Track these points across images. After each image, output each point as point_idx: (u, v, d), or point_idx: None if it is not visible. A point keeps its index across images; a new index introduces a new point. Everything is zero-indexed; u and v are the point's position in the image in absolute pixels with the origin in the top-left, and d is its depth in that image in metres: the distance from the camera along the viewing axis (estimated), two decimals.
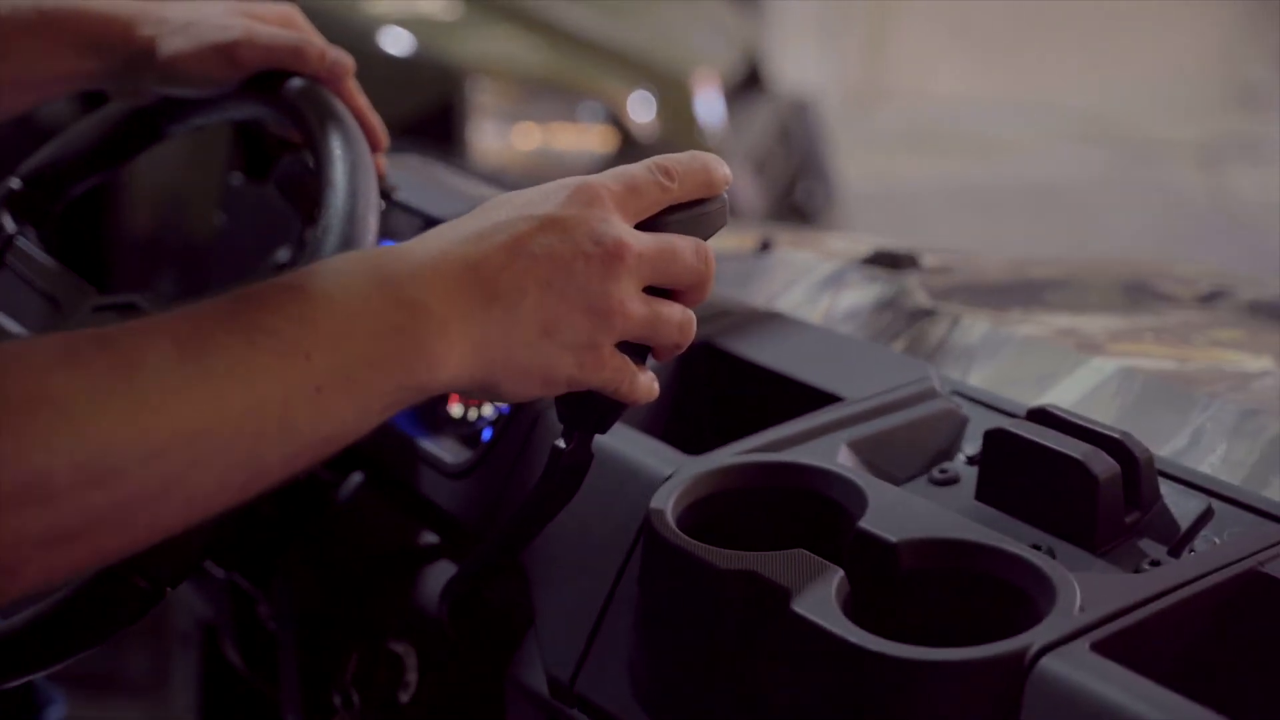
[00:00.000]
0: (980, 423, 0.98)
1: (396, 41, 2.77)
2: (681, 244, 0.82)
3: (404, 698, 1.04)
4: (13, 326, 1.05)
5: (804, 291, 1.27)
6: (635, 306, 0.80)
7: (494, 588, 0.99)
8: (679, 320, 0.82)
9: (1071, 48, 6.85)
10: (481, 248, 0.77)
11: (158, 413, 0.68)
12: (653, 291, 0.81)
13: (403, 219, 1.17)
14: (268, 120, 1.13)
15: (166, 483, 0.69)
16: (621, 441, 1.00)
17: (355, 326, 0.73)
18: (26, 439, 0.65)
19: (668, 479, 0.93)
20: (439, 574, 1.06)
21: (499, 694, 1.00)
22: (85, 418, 0.66)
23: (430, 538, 1.08)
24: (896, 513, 0.86)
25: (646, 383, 0.83)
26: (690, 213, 0.83)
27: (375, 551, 1.08)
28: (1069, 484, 0.88)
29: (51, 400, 0.66)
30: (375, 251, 0.79)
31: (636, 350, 0.82)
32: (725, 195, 0.86)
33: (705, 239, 0.84)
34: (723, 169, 0.85)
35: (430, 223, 1.15)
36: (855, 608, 0.81)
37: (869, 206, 4.58)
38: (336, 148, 0.98)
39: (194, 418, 0.69)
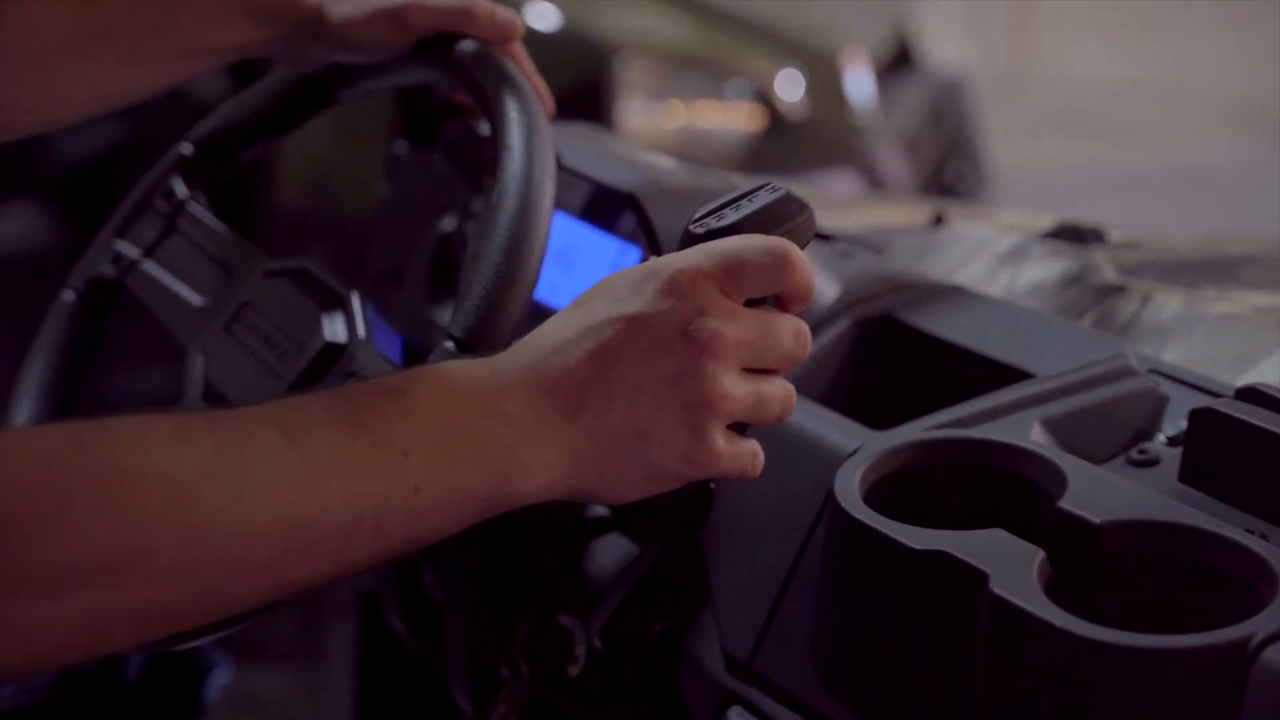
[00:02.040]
0: (1181, 402, 0.93)
1: (543, 17, 2.76)
2: (781, 327, 0.79)
3: (573, 671, 1.02)
4: (184, 291, 1.05)
5: (983, 266, 1.22)
6: (736, 390, 0.78)
7: (670, 564, 0.97)
8: (781, 397, 0.80)
9: (1223, 30, 6.67)
10: (567, 359, 0.76)
11: (261, 498, 0.69)
12: None
13: (572, 185, 1.15)
14: (438, 84, 1.12)
15: (260, 568, 0.70)
16: (802, 414, 0.97)
17: (452, 432, 0.74)
18: (135, 512, 0.66)
19: (852, 454, 0.90)
20: (609, 547, 1.04)
21: (673, 671, 0.98)
22: (191, 496, 0.68)
23: (601, 509, 1.05)
24: (1099, 493, 0.82)
25: (762, 458, 0.82)
26: (777, 232, 0.80)
27: (544, 522, 1.06)
28: None
29: (162, 477, 0.67)
30: (472, 362, 0.79)
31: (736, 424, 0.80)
32: (811, 207, 0.82)
33: None
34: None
35: (601, 191, 1.13)
36: (1055, 591, 0.77)
37: (1015, 189, 4.50)
38: (512, 111, 0.96)
39: (295, 505, 0.70)
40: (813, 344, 1.03)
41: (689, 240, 0.81)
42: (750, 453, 0.80)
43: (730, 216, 0.81)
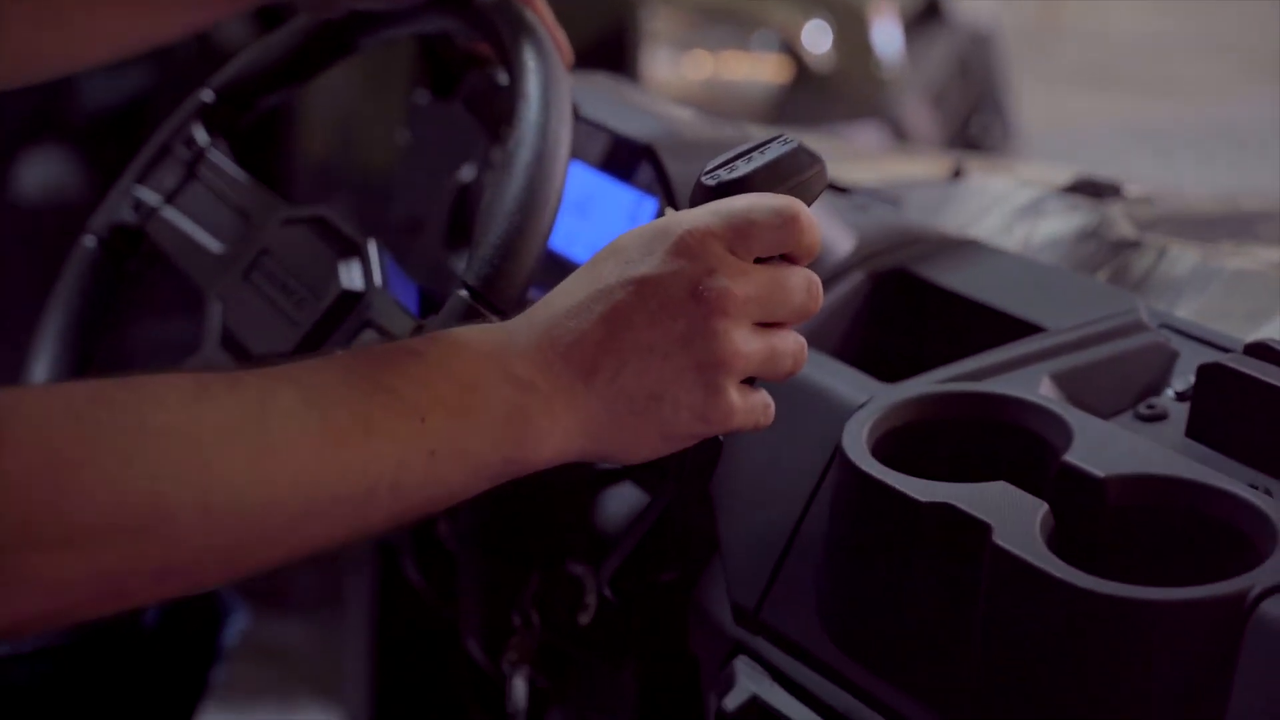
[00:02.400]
0: (1191, 357, 0.93)
1: None
2: (792, 280, 0.79)
3: (584, 619, 1.03)
4: (204, 238, 1.06)
5: (1000, 219, 1.22)
6: (748, 347, 0.78)
7: (680, 515, 0.98)
8: (793, 350, 0.80)
9: None
10: (580, 322, 0.77)
11: (280, 458, 0.70)
12: None
13: (589, 136, 1.15)
14: (457, 33, 1.12)
15: (278, 529, 0.71)
16: (813, 367, 0.97)
17: (469, 397, 0.75)
18: (157, 471, 0.67)
19: (861, 406, 0.90)
20: (620, 497, 1.04)
21: (682, 620, 0.99)
22: (212, 455, 0.68)
23: None
24: (1104, 447, 0.83)
25: (773, 408, 0.82)
26: (788, 185, 0.80)
27: (556, 472, 1.07)
28: None
29: (182, 434, 0.68)
30: (489, 326, 0.79)
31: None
32: (823, 160, 0.82)
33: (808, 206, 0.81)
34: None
35: (619, 141, 1.13)
36: (1058, 544, 0.78)
37: (1043, 144, 4.47)
38: (530, 60, 0.96)
39: (313, 468, 0.71)
40: (826, 297, 1.05)
41: (700, 192, 0.81)
42: (762, 405, 0.81)
43: (742, 168, 0.81)
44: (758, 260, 0.79)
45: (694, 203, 0.82)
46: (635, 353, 0.76)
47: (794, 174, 0.81)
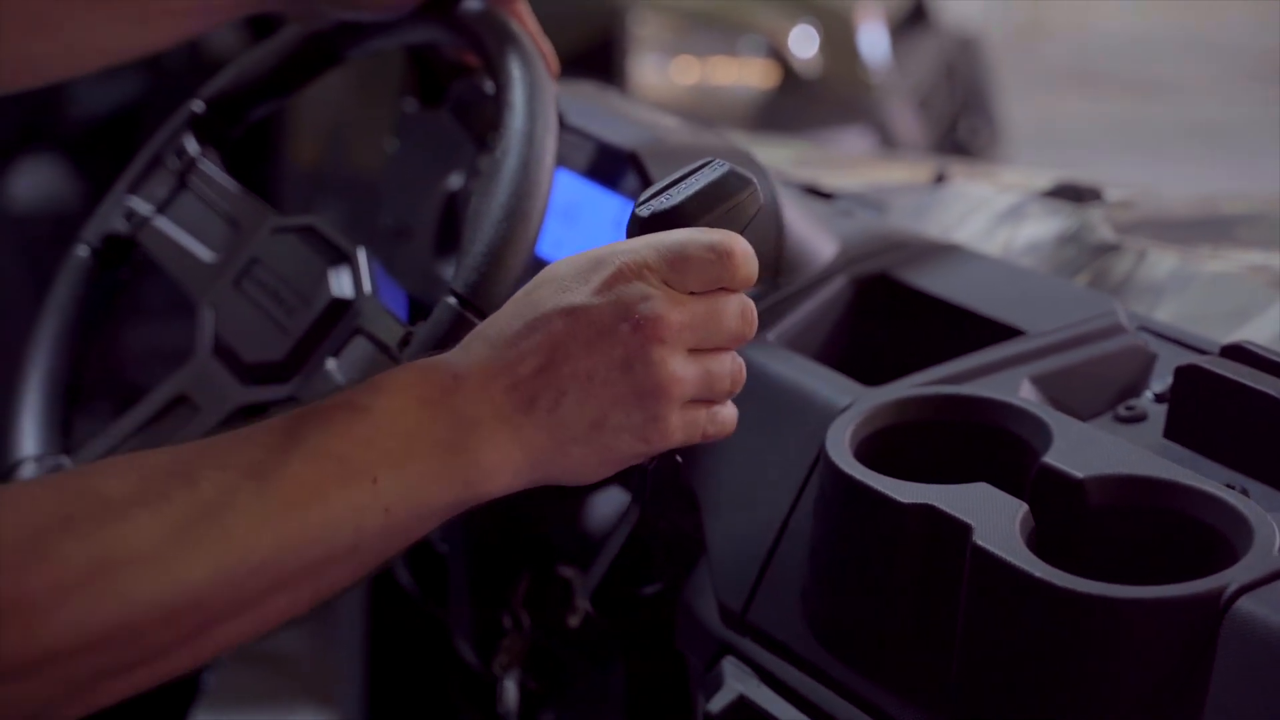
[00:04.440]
0: (1169, 359, 0.95)
1: None
2: (726, 307, 0.81)
3: (573, 622, 1.04)
4: (195, 247, 1.07)
5: (982, 224, 1.24)
6: (684, 373, 0.79)
7: (666, 517, 0.99)
8: (730, 371, 0.82)
9: None
10: (517, 353, 0.78)
11: (241, 550, 0.72)
12: None
13: (575, 144, 1.16)
14: (444, 44, 1.13)
15: (243, 607, 0.72)
16: (797, 371, 0.99)
17: (415, 445, 0.76)
18: (115, 590, 0.68)
19: (844, 410, 0.91)
20: (609, 500, 1.06)
21: (669, 622, 1.00)
22: (171, 565, 0.70)
23: None
24: (1083, 449, 0.84)
25: (727, 416, 0.83)
26: (720, 210, 0.82)
27: None
28: (1266, 423, 0.85)
29: (147, 558, 0.69)
30: (427, 364, 0.80)
31: None
32: (755, 181, 0.83)
33: (741, 231, 0.82)
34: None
35: (604, 149, 1.14)
36: (1038, 544, 0.79)
37: (1030, 146, 4.49)
38: (515, 70, 0.97)
39: (273, 551, 0.72)
40: (809, 301, 1.06)
41: (635, 223, 0.83)
42: (706, 419, 0.82)
43: (675, 197, 0.82)
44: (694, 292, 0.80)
45: (630, 233, 0.83)
46: (574, 381, 0.78)
47: (726, 199, 0.82)
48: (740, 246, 0.80)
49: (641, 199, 0.84)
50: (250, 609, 0.73)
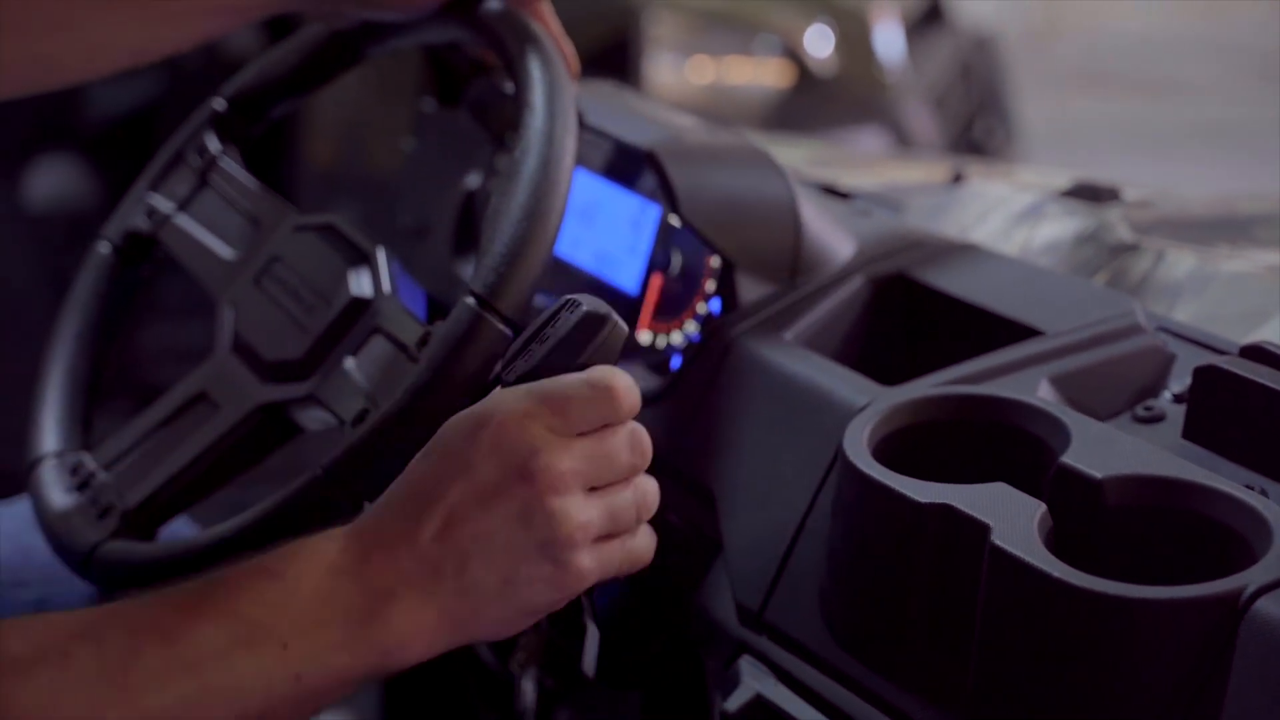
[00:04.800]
0: (1188, 360, 0.95)
1: None
2: (615, 444, 0.81)
3: (588, 621, 1.04)
4: (215, 245, 1.07)
5: (999, 224, 1.24)
6: (587, 516, 0.80)
7: (683, 516, 0.99)
8: (634, 500, 0.82)
9: None
10: (417, 523, 0.79)
11: (143, 713, 0.72)
12: None
13: (593, 143, 1.17)
14: (465, 43, 1.13)
15: None
16: (815, 370, 0.99)
17: (325, 612, 0.77)
18: None
19: (862, 409, 0.92)
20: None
21: (685, 621, 1.00)
22: None
23: None
24: (1101, 449, 0.84)
25: (640, 545, 0.83)
26: (588, 352, 0.82)
27: None
28: None
29: (37, 713, 0.70)
30: (342, 533, 0.80)
31: None
32: (612, 314, 0.83)
33: (614, 363, 0.82)
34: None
35: (622, 149, 1.14)
36: (1056, 544, 0.80)
37: (1044, 145, 4.48)
38: (535, 70, 0.97)
39: (178, 712, 0.73)
40: (827, 301, 1.06)
41: (502, 391, 0.83)
42: (620, 553, 0.82)
43: (537, 352, 0.83)
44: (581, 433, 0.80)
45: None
46: (476, 543, 0.78)
47: (588, 340, 0.82)
48: (620, 380, 0.81)
49: (504, 360, 0.84)
50: None
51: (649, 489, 0.84)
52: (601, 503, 0.80)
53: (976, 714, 0.80)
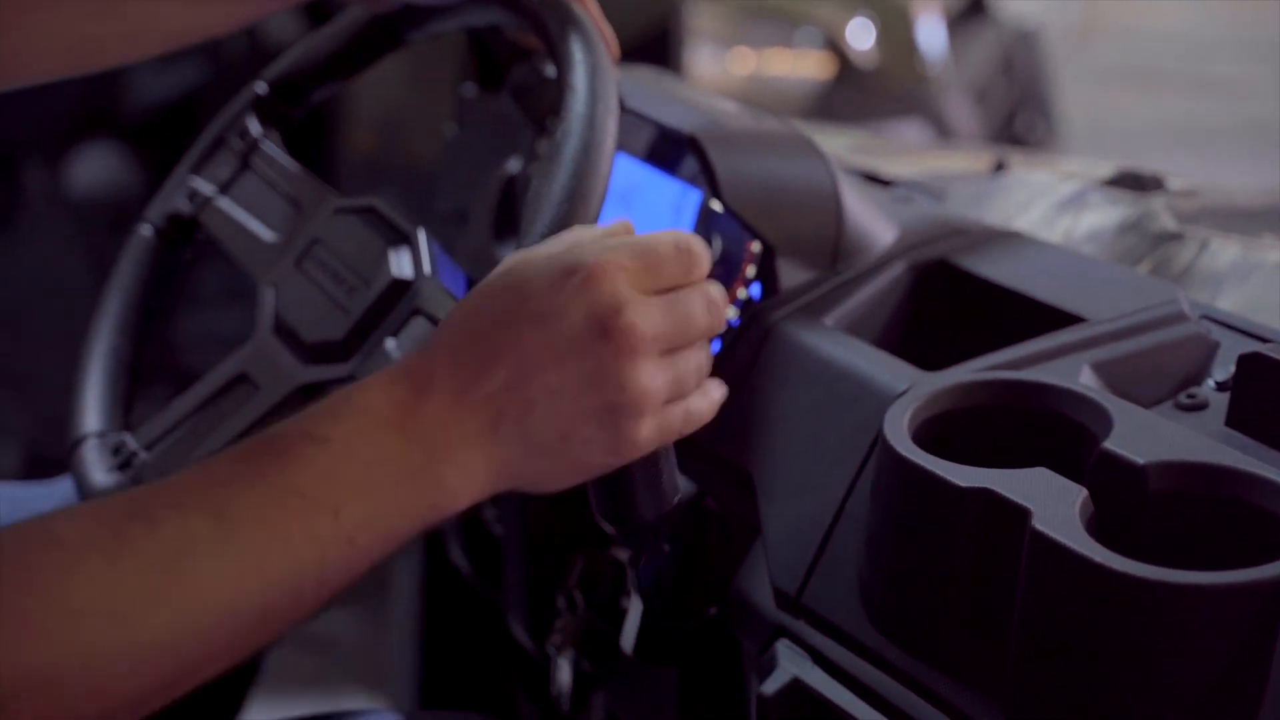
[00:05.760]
0: (1232, 348, 0.94)
1: None
2: (695, 305, 0.79)
3: (626, 604, 1.04)
4: (257, 227, 1.08)
5: (1042, 212, 1.23)
6: (656, 384, 0.78)
7: (721, 500, 0.99)
8: (698, 367, 0.81)
9: None
10: (485, 367, 0.76)
11: (203, 598, 0.70)
12: None
13: (634, 128, 1.16)
14: (506, 26, 1.13)
15: (215, 650, 0.71)
16: (855, 355, 0.99)
17: (377, 474, 0.74)
18: (77, 641, 0.67)
19: (902, 394, 0.91)
20: None
21: (722, 604, 1.00)
22: (137, 616, 0.68)
23: None
24: (1144, 435, 0.83)
25: (698, 406, 0.81)
26: None
27: None
28: None
29: (106, 610, 0.67)
30: (388, 379, 0.78)
31: None
32: None
33: None
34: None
35: (663, 133, 1.14)
36: (1097, 530, 0.79)
37: (1085, 141, 4.46)
38: (577, 53, 0.97)
39: (237, 594, 0.71)
40: (868, 287, 1.06)
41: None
42: (680, 417, 0.80)
43: None
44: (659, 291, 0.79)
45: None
46: (543, 395, 0.76)
47: None
48: (698, 243, 0.81)
49: None
50: (222, 651, 0.72)
51: (707, 361, 0.81)
52: (672, 367, 0.79)
53: (1015, 699, 0.79)
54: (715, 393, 0.83)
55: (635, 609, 0.96)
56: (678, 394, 0.80)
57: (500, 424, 0.76)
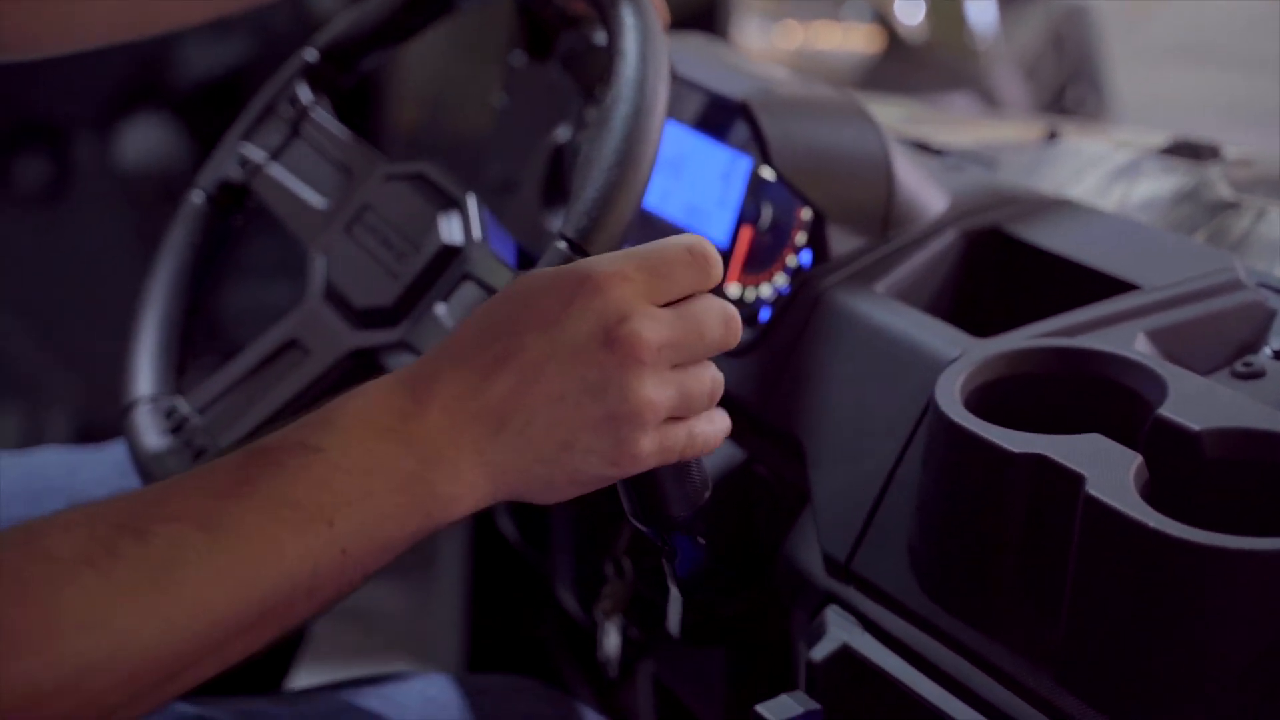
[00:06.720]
0: None
1: None
2: (707, 317, 0.78)
3: (671, 585, 1.04)
4: (307, 194, 1.08)
5: (1096, 181, 1.22)
6: (659, 396, 0.76)
7: (770, 467, 0.99)
8: (708, 389, 0.79)
9: None
10: (489, 377, 0.75)
11: (193, 607, 0.70)
12: None
13: (684, 95, 1.16)
14: None
15: (203, 654, 0.71)
16: (906, 322, 0.98)
17: (372, 483, 0.73)
18: (67, 654, 0.66)
19: (954, 361, 0.91)
20: (717, 451, 1.05)
21: (771, 570, 1.00)
22: (124, 629, 0.68)
23: None
24: (1199, 402, 0.82)
25: (705, 432, 0.80)
26: None
27: None
28: None
29: (86, 617, 0.67)
30: (384, 386, 0.77)
31: None
32: None
33: None
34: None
35: (714, 100, 1.14)
36: (1151, 496, 0.78)
37: (1137, 117, 4.41)
38: (628, 17, 0.97)
39: (229, 603, 0.70)
40: (920, 254, 1.05)
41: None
42: (684, 438, 0.79)
43: None
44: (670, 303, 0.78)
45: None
46: (546, 404, 0.75)
47: None
48: (711, 247, 0.79)
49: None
50: (210, 656, 0.71)
51: (720, 380, 0.80)
52: (678, 384, 0.78)
53: (1066, 665, 0.79)
54: (723, 422, 0.82)
55: (675, 599, 0.96)
56: (684, 412, 0.78)
57: (501, 432, 0.75)
